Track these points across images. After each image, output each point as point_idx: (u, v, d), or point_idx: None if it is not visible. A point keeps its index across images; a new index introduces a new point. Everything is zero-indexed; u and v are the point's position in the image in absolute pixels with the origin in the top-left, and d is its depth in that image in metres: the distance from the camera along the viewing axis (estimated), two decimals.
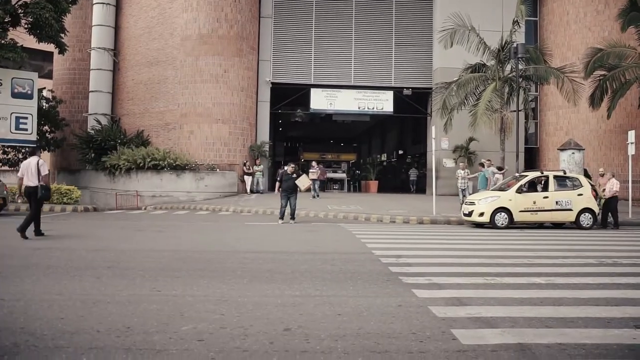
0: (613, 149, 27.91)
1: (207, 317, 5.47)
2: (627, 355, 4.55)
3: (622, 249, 12.01)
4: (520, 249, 11.56)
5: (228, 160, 27.89)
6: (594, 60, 24.77)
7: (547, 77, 23.58)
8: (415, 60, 31.17)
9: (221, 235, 13.41)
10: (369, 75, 30.91)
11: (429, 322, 5.43)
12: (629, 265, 9.39)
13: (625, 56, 25.00)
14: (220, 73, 27.85)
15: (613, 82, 25.03)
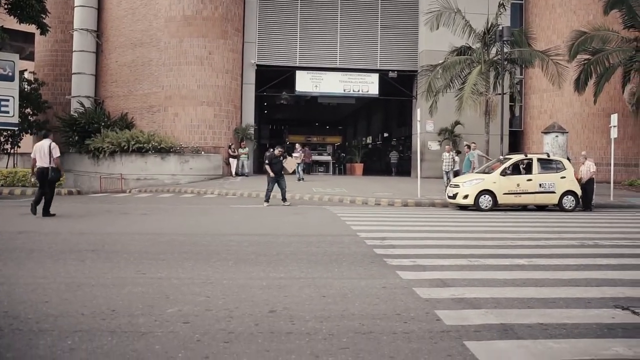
0: (596, 132, 28.15)
1: (192, 299, 5.49)
2: (606, 334, 4.64)
3: (603, 230, 12.16)
4: (504, 231, 11.67)
5: (213, 143, 27.76)
6: (578, 43, 24.88)
7: (532, 60, 23.66)
8: (401, 43, 31.11)
9: (206, 218, 13.40)
10: (354, 58, 30.81)
11: (413, 303, 5.49)
12: (609, 247, 9.52)
13: (609, 40, 25.15)
14: (205, 55, 27.61)
15: (597, 66, 25.18)
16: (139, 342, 4.21)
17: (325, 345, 4.22)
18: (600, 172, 26.58)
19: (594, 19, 26.84)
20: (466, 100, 21.89)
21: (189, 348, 4.12)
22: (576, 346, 4.31)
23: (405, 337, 4.45)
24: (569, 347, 4.27)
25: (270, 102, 40.15)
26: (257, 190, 20.84)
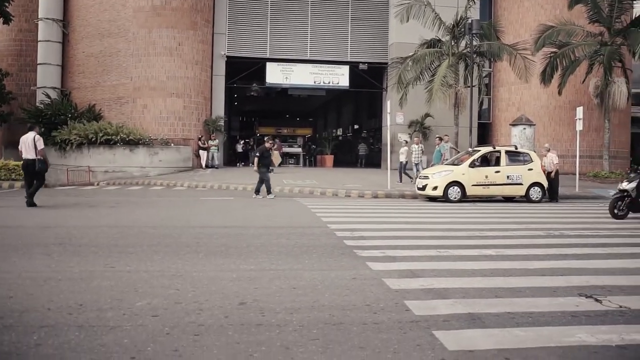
0: (562, 124, 28.63)
1: (161, 292, 5.44)
2: (570, 321, 4.74)
3: (569, 221, 12.40)
4: (472, 222, 11.81)
5: (183, 134, 27.53)
6: (545, 36, 25.23)
7: (500, 53, 23.95)
8: (371, 35, 31.18)
9: (176, 211, 13.29)
10: (325, 50, 30.79)
11: (382, 294, 5.53)
12: (574, 237, 9.71)
13: (574, 34, 25.57)
14: (174, 46, 27.31)
15: (563, 59, 25.59)
16: (107, 336, 4.17)
17: (296, 337, 4.23)
18: (566, 163, 27.11)
19: (560, 13, 27.22)
20: (436, 93, 22.10)
21: (158, 341, 4.08)
22: (542, 334, 4.39)
23: (375, 328, 4.48)
24: (535, 335, 4.35)
25: (240, 94, 39.95)
26: (227, 183, 20.76)
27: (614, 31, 25.48)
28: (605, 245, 8.79)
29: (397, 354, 3.93)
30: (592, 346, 4.14)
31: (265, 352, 3.90)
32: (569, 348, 4.09)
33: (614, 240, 9.42)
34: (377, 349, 4.02)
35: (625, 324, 4.68)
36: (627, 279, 6.35)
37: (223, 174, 24.93)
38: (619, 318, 4.86)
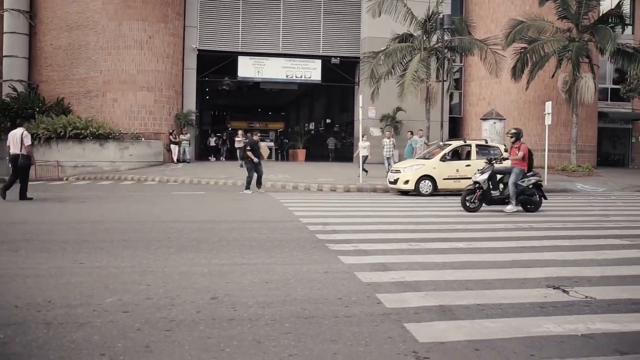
0: (532, 118, 28.99)
1: (132, 288, 5.39)
2: (538, 312, 4.82)
3: (537, 213, 12.57)
4: (443, 216, 11.93)
5: (154, 129, 27.25)
6: (515, 32, 25.49)
7: (471, 48, 24.15)
8: (343, 29, 31.19)
9: (147, 206, 13.17)
10: (297, 44, 30.72)
11: (354, 287, 5.55)
12: (543, 229, 9.88)
13: (544, 30, 25.89)
14: (144, 39, 26.99)
15: (533, 54, 25.91)
16: (77, 333, 4.12)
17: (268, 331, 4.23)
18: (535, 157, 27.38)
19: (530, 8, 27.51)
20: (407, 87, 22.20)
21: (129, 337, 4.05)
22: (510, 325, 4.46)
23: (347, 321, 4.50)
24: (504, 326, 4.42)
25: (212, 88, 39.68)
26: (198, 177, 20.63)
27: (581, 27, 25.88)
28: (573, 237, 8.96)
29: (368, 346, 3.96)
30: (558, 336, 4.22)
31: (237, 347, 3.90)
32: (537, 338, 4.16)
33: (581, 232, 9.59)
34: (348, 341, 4.04)
35: (591, 314, 4.79)
36: (593, 270, 6.49)
37: (195, 168, 24.77)
38: (585, 308, 4.96)
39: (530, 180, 12.53)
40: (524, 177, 12.46)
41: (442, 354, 3.82)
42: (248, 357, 3.71)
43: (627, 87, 29.10)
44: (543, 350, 3.92)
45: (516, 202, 12.33)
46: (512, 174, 12.39)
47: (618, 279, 6.10)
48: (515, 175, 12.34)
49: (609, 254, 7.54)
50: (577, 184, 21.80)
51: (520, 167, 12.55)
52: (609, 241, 8.72)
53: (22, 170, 13.67)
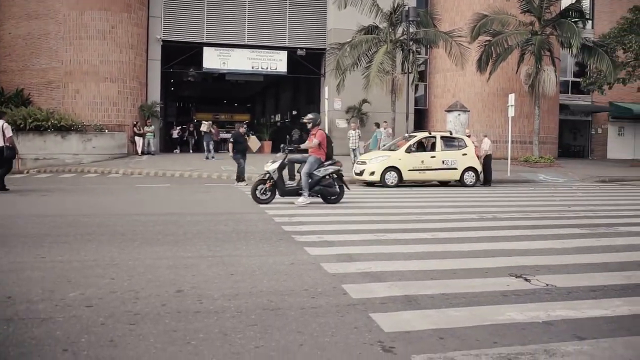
0: (495, 110, 29.42)
1: (96, 282, 5.31)
2: (501, 301, 4.92)
3: (501, 204, 12.82)
4: (409, 206, 12.05)
5: (117, 120, 26.83)
6: (479, 25, 25.82)
7: (436, 40, 24.37)
8: (309, 21, 31.11)
9: (110, 198, 12.99)
10: (263, 35, 30.53)
11: (320, 278, 5.57)
12: (506, 220, 10.05)
13: (507, 23, 26.27)
14: (107, 29, 26.49)
15: (497, 47, 26.28)
16: (39, 329, 4.04)
17: (234, 323, 4.22)
18: (498, 149, 27.89)
19: (494, 2, 27.86)
20: (373, 79, 22.31)
21: (93, 332, 3.99)
22: (474, 313, 4.53)
23: (313, 312, 4.52)
24: (468, 315, 4.49)
25: (177, 79, 39.23)
26: (163, 169, 20.41)
27: (544, 21, 26.32)
28: (535, 227, 9.14)
29: (334, 336, 3.98)
30: (520, 323, 4.31)
31: (202, 339, 3.88)
32: (500, 326, 4.24)
33: (542, 222, 9.79)
34: (315, 332, 4.06)
35: (551, 301, 4.90)
36: (554, 259, 6.64)
37: (160, 160, 24.49)
38: (546, 296, 5.07)
39: (328, 170, 11.81)
40: (320, 167, 11.75)
41: (408, 343, 3.87)
42: (214, 350, 3.70)
43: (588, 81, 29.77)
44: (505, 338, 4.00)
45: (312, 193, 11.71)
46: (307, 163, 11.75)
47: (578, 267, 6.26)
48: (310, 165, 11.69)
49: (570, 243, 7.72)
50: (539, 174, 22.23)
51: (316, 155, 11.86)
52: (570, 230, 8.93)
53: (6, 162, 13.87)
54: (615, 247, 7.52)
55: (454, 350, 3.75)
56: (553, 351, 3.75)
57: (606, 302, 4.91)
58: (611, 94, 33.20)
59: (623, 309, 4.73)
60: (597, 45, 26.26)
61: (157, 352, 3.64)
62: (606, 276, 5.86)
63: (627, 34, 27.85)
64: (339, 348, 3.77)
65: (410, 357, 3.62)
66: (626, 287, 5.46)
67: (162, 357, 3.58)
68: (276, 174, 11.71)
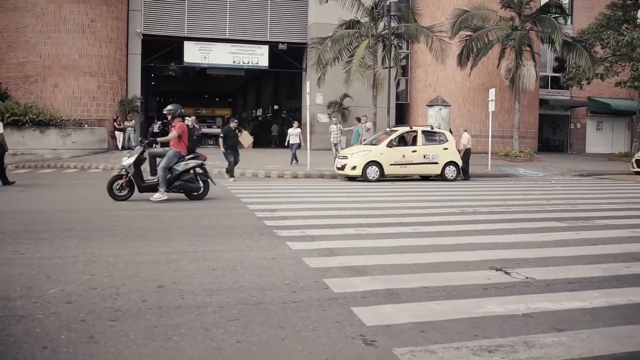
0: (476, 105, 29.60)
1: (76, 278, 5.27)
2: (482, 294, 4.96)
3: (482, 198, 12.92)
4: (390, 201, 12.09)
5: (97, 115, 26.57)
6: (460, 20, 25.95)
7: (417, 35, 24.43)
8: (291, 15, 31.03)
9: (90, 194, 12.85)
10: (244, 29, 30.40)
11: (302, 273, 5.58)
12: (487, 213, 10.13)
13: (488, 18, 26.44)
14: (86, 23, 26.19)
15: (478, 42, 26.44)
16: (17, 326, 4.00)
17: (215, 318, 4.21)
18: (479, 143, 28.09)
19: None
20: (354, 74, 22.32)
21: (73, 329, 3.96)
22: (455, 306, 4.57)
23: (295, 306, 4.53)
24: (449, 308, 4.53)
25: (157, 74, 38.96)
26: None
27: (524, 17, 26.52)
28: (514, 221, 9.23)
29: (316, 331, 3.99)
30: (500, 316, 4.36)
31: (184, 335, 3.87)
32: (480, 319, 4.29)
33: (522, 216, 9.89)
34: (296, 327, 4.06)
35: (531, 294, 4.96)
36: (533, 252, 6.71)
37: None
38: (526, 288, 5.13)
39: (189, 164, 11.21)
40: (180, 161, 11.14)
41: (389, 337, 3.89)
42: (195, 345, 3.69)
43: (567, 76, 30.06)
44: (486, 330, 4.04)
45: (172, 188, 11.16)
46: (165, 158, 11.14)
47: (556, 260, 6.33)
48: (168, 159, 11.07)
49: (548, 236, 7.81)
50: (520, 168, 22.43)
51: (176, 149, 11.23)
52: (549, 224, 9.03)
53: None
54: (593, 240, 7.62)
55: (435, 343, 3.79)
56: (532, 343, 3.80)
57: (584, 294, 4.98)
58: (590, 89, 33.59)
59: (600, 300, 4.80)
60: (576, 40, 26.53)
61: (138, 348, 3.63)
62: (584, 269, 5.95)
63: (605, 30, 28.21)
64: (320, 342, 3.79)
65: (391, 350, 3.65)
66: (603, 279, 5.55)
67: (144, 353, 3.56)
68: (132, 168, 11.02)
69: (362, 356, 3.57)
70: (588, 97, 35.40)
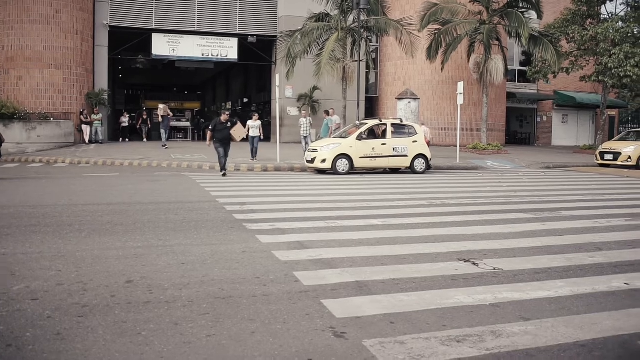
0: (445, 98, 29.85)
1: (42, 274, 5.19)
2: (450, 284, 5.03)
3: (450, 190, 13.05)
4: (360, 193, 12.14)
5: (63, 108, 26.07)
6: (429, 14, 26.11)
7: (387, 29, 24.48)
8: (260, 8, 30.83)
9: (57, 189, 12.63)
10: (213, 22, 30.11)
11: (272, 266, 5.58)
12: (455, 205, 10.25)
13: (457, 12, 26.63)
14: (51, 13, 25.63)
15: (446, 36, 26.64)
16: None
17: (185, 313, 4.19)
18: (448, 136, 28.40)
19: None
20: (324, 67, 22.31)
21: (39, 326, 3.90)
22: (424, 297, 4.63)
23: (265, 300, 4.53)
24: (418, 299, 4.58)
25: (125, 66, 38.39)
26: (112, 158, 19.99)
27: (492, 11, 26.79)
28: (482, 213, 9.36)
29: (286, 324, 4.00)
30: (469, 306, 4.43)
31: (153, 330, 3.84)
32: (449, 309, 4.35)
33: (490, 208, 10.03)
34: (267, 320, 4.07)
35: (498, 284, 5.04)
36: (501, 243, 6.82)
37: (108, 149, 23.96)
38: (493, 279, 5.22)
39: None
40: None
41: (359, 328, 3.92)
42: (165, 340, 3.67)
43: (533, 70, 30.49)
44: (454, 321, 4.10)
45: None
46: None
47: (523, 251, 6.45)
48: None
49: (515, 228, 7.94)
50: (488, 161, 22.71)
51: None
52: (516, 215, 9.18)
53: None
54: (558, 230, 7.77)
55: (405, 334, 3.83)
56: (499, 332, 3.87)
57: (549, 284, 5.09)
58: (556, 83, 34.16)
59: (565, 289, 4.91)
60: (543, 35, 26.90)
61: (106, 344, 3.59)
62: (549, 259, 6.07)
63: (570, 25, 28.68)
64: (291, 335, 3.80)
65: (361, 342, 3.68)
66: (568, 269, 5.67)
67: (112, 349, 3.53)
68: None
69: (333, 348, 3.59)
70: (554, 90, 36.01)
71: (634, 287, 5.07)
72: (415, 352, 3.52)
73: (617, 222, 8.68)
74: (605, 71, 27.66)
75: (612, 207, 10.40)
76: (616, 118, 41.79)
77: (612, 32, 27.03)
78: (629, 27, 27.61)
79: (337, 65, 23.24)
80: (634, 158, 21.12)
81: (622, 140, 23.44)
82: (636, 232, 7.77)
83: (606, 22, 28.03)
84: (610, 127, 39.01)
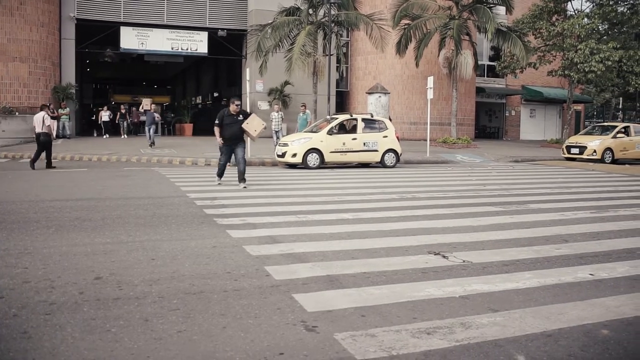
0: (415, 92, 30.07)
1: (7, 272, 5.08)
2: (421, 277, 5.08)
3: (420, 184, 13.15)
4: (331, 188, 12.16)
5: (29, 103, 25.60)
6: (400, 10, 26.23)
7: (357, 23, 24.55)
8: (230, 1, 30.64)
9: (23, 184, 12.39)
10: (183, 15, 29.82)
11: (243, 260, 5.57)
12: (425, 199, 10.33)
13: (427, 8, 26.82)
14: (15, 5, 25.12)
15: (417, 31, 26.82)
16: None
17: (155, 309, 4.16)
18: (418, 130, 28.61)
19: None
20: (295, 61, 22.28)
21: (4, 324, 3.83)
22: (395, 290, 4.66)
23: (236, 294, 4.52)
24: (389, 292, 4.62)
25: (93, 60, 37.85)
26: (80, 153, 19.68)
27: (461, 6, 27.03)
28: (452, 206, 9.45)
29: (258, 318, 4.00)
30: (439, 299, 4.47)
31: (123, 326, 3.80)
32: (419, 302, 4.39)
33: (460, 201, 10.13)
34: (238, 315, 4.06)
35: (468, 277, 5.11)
36: (470, 236, 6.90)
37: (76, 144, 23.59)
38: (463, 271, 5.28)
39: None
40: None
41: (330, 322, 3.93)
42: (135, 336, 3.64)
43: (502, 64, 30.88)
44: (424, 313, 4.14)
45: None
46: None
47: (492, 243, 6.54)
48: None
49: (485, 221, 8.04)
50: (457, 155, 22.94)
51: None
52: (485, 208, 9.29)
53: (43, 145, 15.88)
54: (526, 223, 7.90)
55: (375, 327, 3.85)
56: (469, 324, 3.92)
57: (517, 275, 5.17)
58: (524, 78, 34.66)
59: (532, 281, 5.00)
60: (511, 30, 27.24)
61: (75, 342, 3.54)
62: (517, 251, 6.16)
63: (538, 20, 29.10)
64: (262, 329, 3.79)
65: (332, 335, 3.69)
66: (535, 260, 5.76)
67: (81, 346, 3.48)
68: None
69: (304, 342, 3.60)
70: (522, 85, 36.53)
71: (598, 277, 5.18)
72: (385, 345, 3.54)
73: (582, 214, 8.86)
74: (571, 66, 28.16)
75: (578, 200, 10.60)
76: (582, 113, 42.62)
77: (578, 28, 27.53)
78: (594, 23, 28.13)
79: (308, 60, 23.22)
80: (599, 152, 21.54)
81: (587, 134, 23.87)
82: (601, 224, 7.94)
83: (572, 19, 28.52)
84: (576, 122, 39.79)
